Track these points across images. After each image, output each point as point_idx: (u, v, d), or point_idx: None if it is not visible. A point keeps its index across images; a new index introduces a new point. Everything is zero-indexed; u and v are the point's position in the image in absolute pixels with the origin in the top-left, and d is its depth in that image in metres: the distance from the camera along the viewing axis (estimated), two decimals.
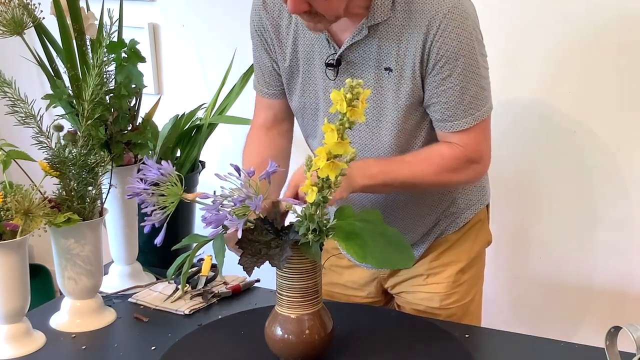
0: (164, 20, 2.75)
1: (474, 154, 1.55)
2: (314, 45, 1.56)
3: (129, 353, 1.54)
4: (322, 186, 1.27)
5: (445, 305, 1.72)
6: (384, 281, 1.78)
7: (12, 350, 1.50)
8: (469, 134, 1.52)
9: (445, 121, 1.52)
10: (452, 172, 1.55)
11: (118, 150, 1.67)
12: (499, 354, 1.50)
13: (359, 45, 1.51)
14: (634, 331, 1.21)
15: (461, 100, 1.49)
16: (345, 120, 1.23)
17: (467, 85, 1.49)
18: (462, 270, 1.72)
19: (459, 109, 1.50)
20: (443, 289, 1.71)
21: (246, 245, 1.29)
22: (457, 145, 1.53)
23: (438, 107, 1.51)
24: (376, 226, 1.34)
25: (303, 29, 1.55)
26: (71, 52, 1.72)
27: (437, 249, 1.72)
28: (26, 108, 1.53)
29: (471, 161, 1.56)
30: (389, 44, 1.49)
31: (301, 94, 1.63)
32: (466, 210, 1.72)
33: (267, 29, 1.61)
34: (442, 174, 1.55)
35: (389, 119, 1.54)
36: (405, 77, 1.50)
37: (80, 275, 1.60)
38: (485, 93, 1.53)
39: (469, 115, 1.51)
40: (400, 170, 1.52)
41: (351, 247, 1.28)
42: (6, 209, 1.45)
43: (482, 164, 1.59)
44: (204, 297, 1.72)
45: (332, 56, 1.54)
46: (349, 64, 1.54)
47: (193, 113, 2.31)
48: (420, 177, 1.54)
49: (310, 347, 1.36)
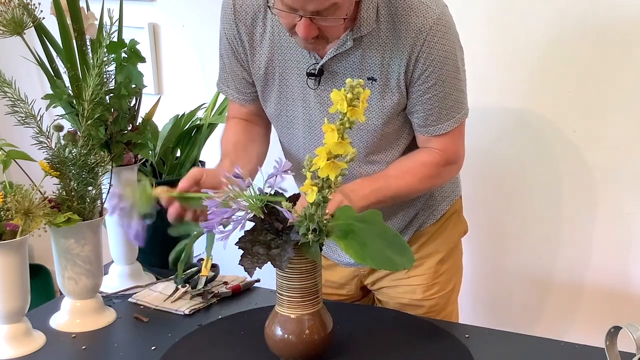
0: (164, 20, 2.75)
1: (452, 157, 1.63)
2: (291, 54, 1.58)
3: (129, 353, 1.54)
4: (322, 186, 1.27)
5: (428, 296, 1.76)
6: (363, 278, 1.80)
7: (12, 350, 1.50)
8: (449, 137, 1.59)
9: (427, 126, 1.58)
10: (434, 178, 1.64)
11: (118, 150, 1.67)
12: (499, 354, 1.50)
13: (342, 56, 1.53)
14: (634, 331, 1.21)
15: (444, 105, 1.55)
16: (345, 120, 1.23)
17: (449, 91, 1.54)
18: (441, 261, 1.77)
19: (441, 113, 1.56)
20: (424, 280, 1.75)
21: (246, 246, 1.29)
22: (436, 150, 1.60)
23: (422, 114, 1.56)
24: (376, 227, 1.34)
25: (279, 38, 1.57)
26: (71, 52, 1.72)
27: (416, 242, 1.76)
28: (26, 108, 1.53)
29: (449, 163, 1.63)
30: (373, 54, 1.52)
31: (277, 101, 1.64)
32: (442, 202, 1.77)
33: (240, 38, 1.62)
34: (425, 182, 1.62)
35: (372, 127, 1.58)
36: (391, 87, 1.54)
37: (80, 275, 1.60)
38: (464, 95, 1.60)
39: (450, 119, 1.57)
40: (389, 186, 1.57)
41: (350, 247, 1.28)
42: (6, 209, 1.45)
43: (458, 163, 1.67)
44: (204, 297, 1.72)
45: (313, 66, 1.56)
46: (332, 74, 1.56)
47: (193, 113, 2.31)
48: (407, 189, 1.61)
49: (310, 347, 1.36)
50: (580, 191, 2.26)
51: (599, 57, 2.14)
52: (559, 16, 2.15)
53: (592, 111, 2.19)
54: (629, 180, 2.19)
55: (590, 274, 2.31)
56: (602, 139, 2.20)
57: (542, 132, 2.27)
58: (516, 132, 2.29)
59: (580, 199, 2.27)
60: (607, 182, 2.23)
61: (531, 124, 2.26)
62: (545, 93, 2.24)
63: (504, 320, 2.36)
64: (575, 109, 2.21)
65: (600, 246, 2.28)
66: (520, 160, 2.32)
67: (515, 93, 2.26)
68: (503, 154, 2.30)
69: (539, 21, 2.18)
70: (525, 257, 2.39)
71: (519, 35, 2.19)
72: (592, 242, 2.29)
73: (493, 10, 2.18)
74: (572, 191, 2.28)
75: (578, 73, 2.18)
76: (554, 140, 2.26)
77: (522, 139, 2.29)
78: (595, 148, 2.21)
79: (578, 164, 2.25)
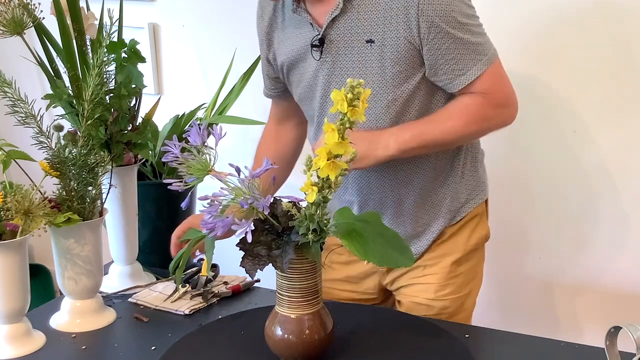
0: (164, 20, 2.75)
1: (500, 98, 1.58)
2: (302, 35, 1.61)
3: (129, 353, 1.54)
4: (322, 186, 1.27)
5: (440, 297, 1.73)
6: (382, 276, 1.79)
7: (12, 350, 1.50)
8: (486, 80, 1.55)
9: (457, 78, 1.55)
10: (482, 121, 1.58)
11: (118, 150, 1.67)
12: (499, 354, 1.50)
13: (338, 22, 1.55)
14: (634, 331, 1.21)
15: (465, 51, 1.52)
16: (345, 120, 1.23)
17: (465, 37, 1.51)
18: (457, 262, 1.74)
19: (465, 60, 1.53)
20: (438, 279, 1.73)
21: (247, 248, 1.29)
22: (479, 94, 1.55)
23: (446, 68, 1.54)
24: (375, 227, 1.34)
25: (289, 24, 1.63)
26: (71, 52, 1.72)
27: (435, 241, 1.74)
28: (26, 108, 1.53)
29: (498, 105, 1.58)
30: (368, 16, 1.53)
31: (297, 84, 1.69)
32: (465, 204, 1.74)
33: (264, 31, 1.70)
34: (472, 125, 1.58)
35: (378, 91, 1.57)
36: (388, 46, 1.53)
37: (80, 275, 1.60)
38: (485, 38, 1.56)
39: (478, 62, 1.53)
40: (432, 130, 1.56)
41: (353, 245, 1.28)
42: (6, 209, 1.45)
43: (509, 107, 1.61)
44: (204, 297, 1.72)
45: (315, 37, 1.58)
46: (332, 42, 1.58)
47: (193, 113, 2.31)
48: (452, 133, 1.58)
49: (310, 347, 1.36)
50: (579, 191, 2.26)
51: (599, 57, 2.14)
52: (559, 17, 2.15)
53: (592, 111, 2.19)
54: (629, 180, 2.19)
55: (590, 273, 2.31)
56: (602, 139, 2.20)
57: (541, 132, 2.27)
58: (515, 133, 2.29)
59: (580, 199, 2.27)
60: (607, 182, 2.23)
61: (531, 124, 2.26)
62: (545, 93, 2.24)
63: (504, 320, 2.36)
64: (575, 109, 2.21)
65: (600, 246, 2.28)
66: (520, 160, 2.32)
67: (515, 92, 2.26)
68: (503, 154, 2.30)
69: (539, 23, 2.18)
70: (525, 257, 2.39)
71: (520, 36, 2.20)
72: (592, 242, 2.29)
73: (492, 12, 2.18)
74: (571, 191, 2.28)
75: (578, 73, 2.18)
76: (554, 140, 2.26)
77: (522, 139, 2.29)
78: (595, 148, 2.22)
79: (578, 164, 2.25)
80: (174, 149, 1.30)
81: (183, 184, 1.30)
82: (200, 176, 1.29)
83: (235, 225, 1.25)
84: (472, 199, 1.75)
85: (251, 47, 1.98)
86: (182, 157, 1.30)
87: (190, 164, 1.29)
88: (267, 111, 1.91)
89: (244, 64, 2.34)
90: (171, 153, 1.30)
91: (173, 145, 1.30)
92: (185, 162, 1.30)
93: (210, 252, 1.33)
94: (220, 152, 1.32)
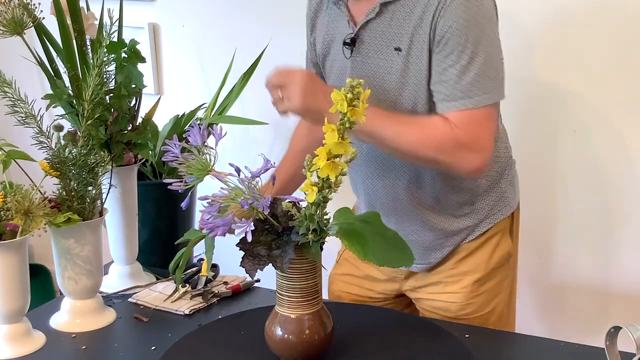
0: (164, 20, 2.75)
1: (468, 138, 1.46)
2: (338, 28, 1.62)
3: (129, 353, 1.54)
4: (322, 186, 1.27)
5: (462, 316, 1.68)
6: (402, 283, 1.76)
7: (12, 350, 1.50)
8: (466, 116, 1.46)
9: (443, 101, 1.48)
10: (437, 149, 1.47)
11: (118, 150, 1.67)
12: (498, 354, 1.50)
13: (372, 25, 1.55)
14: (634, 331, 1.21)
15: (460, 80, 1.46)
16: (345, 120, 1.23)
17: (468, 66, 1.45)
18: (479, 281, 1.68)
19: (456, 88, 1.46)
20: (459, 298, 1.68)
21: (247, 248, 1.29)
22: (452, 123, 1.46)
23: (440, 87, 1.49)
24: (375, 227, 1.34)
25: (330, 16, 1.63)
26: (71, 52, 1.72)
27: (454, 257, 1.70)
28: (26, 108, 1.53)
29: (464, 146, 1.46)
30: (400, 23, 1.52)
31: (328, 75, 1.69)
32: (485, 220, 1.69)
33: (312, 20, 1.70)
34: (427, 147, 1.47)
35: (398, 99, 1.54)
36: (413, 56, 1.51)
37: (80, 275, 1.60)
38: (489, 81, 1.47)
39: (467, 98, 1.46)
40: (388, 125, 1.47)
41: (353, 245, 1.28)
42: (6, 209, 1.45)
43: (479, 154, 1.47)
44: (204, 297, 1.72)
45: (349, 35, 1.58)
46: (362, 44, 1.57)
47: (193, 113, 2.31)
48: (403, 142, 1.47)
49: (310, 347, 1.35)
50: (579, 191, 2.26)
51: (600, 57, 2.14)
52: (559, 16, 2.15)
53: (592, 111, 2.19)
54: (629, 180, 2.19)
55: (590, 273, 2.31)
56: (601, 139, 2.20)
57: (541, 132, 2.27)
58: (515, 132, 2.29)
59: (580, 198, 2.27)
60: (606, 182, 2.23)
61: (530, 124, 2.26)
62: (545, 93, 2.24)
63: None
64: (575, 109, 2.21)
65: (600, 246, 2.28)
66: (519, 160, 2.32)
67: (515, 92, 2.25)
68: None
69: (539, 22, 2.18)
70: (525, 257, 2.38)
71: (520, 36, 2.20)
72: (592, 242, 2.29)
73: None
74: (571, 191, 2.28)
75: (578, 72, 2.18)
76: (554, 140, 2.26)
77: (521, 139, 2.29)
78: (595, 148, 2.21)
79: (577, 164, 2.25)
80: (174, 148, 1.30)
81: (183, 184, 1.30)
82: (200, 176, 1.29)
83: (235, 225, 1.25)
84: (493, 214, 1.69)
85: (251, 47, 1.99)
86: (182, 157, 1.30)
87: (190, 164, 1.29)
88: (267, 111, 1.91)
89: (244, 64, 2.34)
90: (171, 153, 1.31)
91: (173, 145, 1.30)
92: (185, 162, 1.30)
93: (210, 252, 1.33)
94: (220, 152, 1.32)
